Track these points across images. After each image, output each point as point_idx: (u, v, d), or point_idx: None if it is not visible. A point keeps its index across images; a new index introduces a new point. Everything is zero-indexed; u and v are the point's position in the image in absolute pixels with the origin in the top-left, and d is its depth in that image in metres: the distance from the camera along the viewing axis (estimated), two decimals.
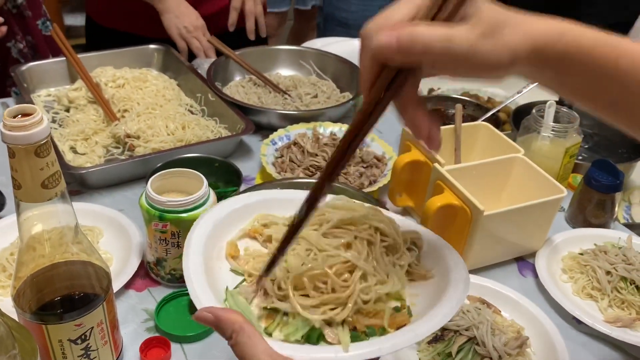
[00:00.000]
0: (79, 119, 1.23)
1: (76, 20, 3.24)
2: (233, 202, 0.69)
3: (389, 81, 0.50)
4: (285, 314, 0.56)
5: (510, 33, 0.48)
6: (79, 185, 1.08)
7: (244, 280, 0.61)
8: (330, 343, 0.53)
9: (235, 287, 0.60)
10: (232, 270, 0.63)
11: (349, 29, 1.78)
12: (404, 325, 0.56)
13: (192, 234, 0.63)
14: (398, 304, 0.59)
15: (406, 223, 0.69)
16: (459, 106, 1.07)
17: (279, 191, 0.75)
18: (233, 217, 0.68)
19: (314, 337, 0.54)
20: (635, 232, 1.10)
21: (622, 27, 2.01)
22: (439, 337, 0.80)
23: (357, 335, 0.55)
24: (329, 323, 0.55)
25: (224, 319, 0.50)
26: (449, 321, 0.70)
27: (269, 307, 0.57)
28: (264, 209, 0.70)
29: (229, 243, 0.65)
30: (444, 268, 0.63)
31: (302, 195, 0.72)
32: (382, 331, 0.55)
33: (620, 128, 0.55)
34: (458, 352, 0.78)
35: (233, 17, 1.53)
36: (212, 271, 0.61)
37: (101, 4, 1.61)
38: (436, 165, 0.95)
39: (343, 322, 0.55)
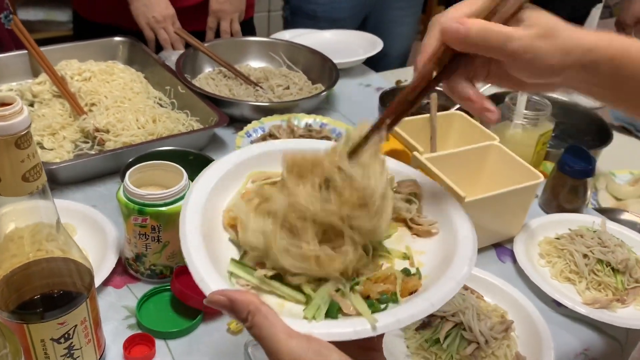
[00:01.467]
0: (44, 114, 1.19)
1: (29, 14, 3.13)
2: (224, 164, 0.65)
3: (445, 62, 0.56)
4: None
5: (564, 37, 0.53)
6: (49, 181, 1.03)
7: (245, 252, 0.58)
8: (347, 314, 0.52)
9: (240, 260, 0.57)
10: (231, 240, 0.59)
11: (317, 22, 1.77)
12: (416, 290, 0.55)
13: (186, 209, 0.58)
14: (406, 263, 0.58)
15: (402, 169, 0.68)
16: (434, 95, 1.08)
17: (269, 143, 0.71)
18: (226, 180, 0.64)
19: (333, 311, 0.52)
20: (607, 216, 1.13)
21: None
22: (426, 323, 0.80)
23: (372, 303, 0.53)
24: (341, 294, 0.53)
25: (239, 300, 0.48)
26: None
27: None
28: (257, 165, 0.66)
29: (226, 211, 0.61)
30: (448, 222, 0.62)
31: (294, 144, 0.70)
32: (395, 297, 0.54)
33: None
34: (445, 337, 0.78)
35: (209, 36, 1.52)
36: (212, 245, 0.57)
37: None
38: (415, 153, 0.96)
39: (353, 291, 0.54)
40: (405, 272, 0.57)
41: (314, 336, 0.48)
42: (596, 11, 2.77)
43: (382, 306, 0.54)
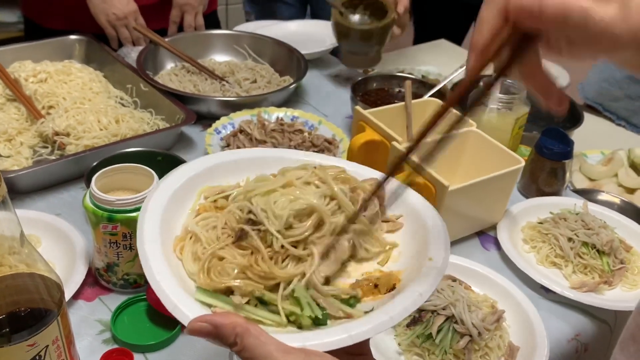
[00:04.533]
0: None
1: None
2: (172, 182, 0.61)
3: (513, 45, 0.47)
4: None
5: None
6: (7, 191, 0.97)
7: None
8: (337, 318, 0.50)
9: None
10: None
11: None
12: (394, 285, 0.53)
13: (143, 235, 0.54)
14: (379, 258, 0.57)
15: (361, 171, 0.66)
16: (408, 82, 1.05)
17: (217, 155, 0.67)
18: (177, 199, 0.60)
19: (324, 318, 0.50)
20: (584, 197, 1.12)
21: None
22: (416, 319, 0.78)
23: (349, 303, 0.52)
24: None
25: (223, 324, 0.44)
26: (426, 301, 0.68)
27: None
28: (209, 179, 0.63)
29: (177, 239, 0.57)
30: (414, 213, 0.61)
31: (245, 154, 0.67)
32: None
33: None
34: (437, 332, 0.76)
35: (172, 30, 1.46)
36: (176, 270, 0.53)
37: (37, 2, 1.48)
38: (394, 143, 0.93)
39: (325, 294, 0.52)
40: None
41: (310, 349, 0.45)
42: None
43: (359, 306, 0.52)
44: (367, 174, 0.66)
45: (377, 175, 0.66)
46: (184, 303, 0.48)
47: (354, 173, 0.63)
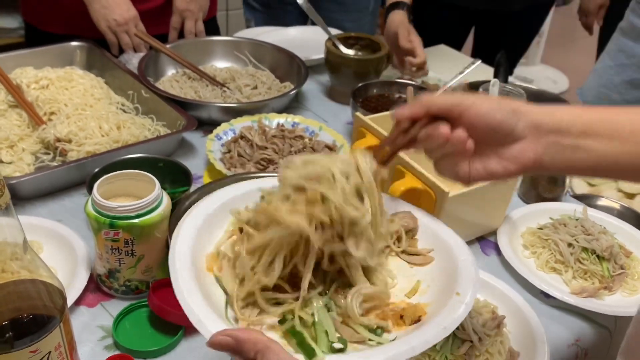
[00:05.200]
0: (0, 126, 1.12)
1: None
2: (211, 202, 0.65)
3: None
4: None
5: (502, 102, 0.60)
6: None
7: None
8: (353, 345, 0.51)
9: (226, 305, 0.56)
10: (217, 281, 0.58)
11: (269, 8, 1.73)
12: (420, 317, 0.54)
13: (175, 248, 0.58)
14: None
15: (397, 204, 0.69)
16: (410, 89, 1.06)
17: (256, 181, 0.71)
18: (212, 220, 0.64)
19: (344, 345, 0.51)
20: (584, 202, 1.12)
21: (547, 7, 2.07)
22: None
23: (373, 330, 0.53)
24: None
25: (245, 339, 0.45)
26: None
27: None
28: (245, 203, 0.65)
29: (208, 256, 0.60)
30: (445, 248, 0.63)
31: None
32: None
33: None
34: None
35: (173, 36, 1.47)
36: (204, 286, 0.56)
37: (38, 7, 1.48)
38: None
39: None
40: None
41: None
42: None
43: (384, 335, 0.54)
44: None
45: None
46: (208, 317, 0.50)
47: None
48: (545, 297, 0.90)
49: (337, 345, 0.51)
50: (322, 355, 0.48)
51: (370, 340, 0.53)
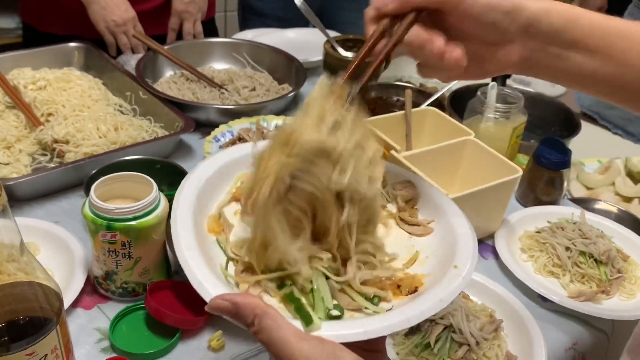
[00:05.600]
0: None
1: None
2: (210, 165, 0.65)
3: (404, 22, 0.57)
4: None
5: None
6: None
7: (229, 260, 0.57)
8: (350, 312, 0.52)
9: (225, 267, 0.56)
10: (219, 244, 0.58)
11: (265, 19, 1.73)
12: (416, 288, 0.54)
13: (177, 211, 0.57)
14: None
15: (399, 171, 0.68)
16: (408, 92, 1.06)
17: (259, 144, 0.70)
18: (214, 181, 0.63)
19: (340, 312, 0.52)
20: (582, 206, 1.13)
21: None
22: (415, 328, 0.78)
23: (371, 300, 0.54)
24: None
25: (243, 304, 0.46)
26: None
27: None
28: (246, 166, 0.64)
29: (210, 217, 0.60)
30: (445, 220, 0.62)
31: None
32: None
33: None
34: (436, 341, 0.76)
35: (171, 38, 1.47)
36: (206, 249, 0.56)
37: (36, 7, 1.48)
38: (393, 152, 0.93)
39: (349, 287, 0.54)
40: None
41: (325, 338, 0.46)
42: None
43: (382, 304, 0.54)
44: None
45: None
46: (209, 281, 0.50)
47: None
48: (542, 301, 0.90)
49: (334, 312, 0.51)
50: (319, 322, 0.48)
51: (366, 308, 0.53)
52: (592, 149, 1.54)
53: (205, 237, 0.58)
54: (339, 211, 0.53)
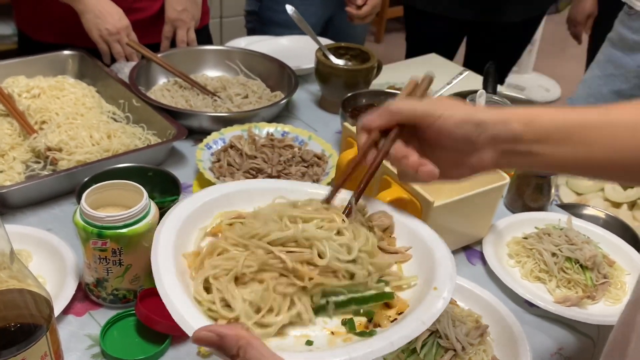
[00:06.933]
0: None
1: None
2: (191, 203, 0.67)
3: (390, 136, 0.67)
4: None
5: (459, 108, 0.63)
6: None
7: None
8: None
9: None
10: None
11: (287, 29, 1.75)
12: (402, 311, 0.56)
13: (158, 247, 0.59)
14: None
15: (372, 204, 0.71)
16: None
17: (234, 183, 0.73)
18: (193, 220, 0.65)
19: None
20: (570, 212, 1.14)
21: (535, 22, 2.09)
22: None
23: (361, 332, 0.55)
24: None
25: (228, 335, 0.46)
26: None
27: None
28: (226, 205, 0.68)
29: (186, 255, 0.61)
30: (422, 245, 0.65)
31: (259, 184, 0.74)
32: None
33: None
34: (422, 347, 0.77)
35: (164, 45, 1.48)
36: (186, 282, 0.58)
37: (31, 17, 1.49)
38: None
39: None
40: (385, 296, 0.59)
41: None
42: None
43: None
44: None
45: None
46: (191, 314, 0.51)
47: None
48: (529, 306, 0.91)
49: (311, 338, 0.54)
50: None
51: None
52: None
53: (184, 272, 0.59)
54: None
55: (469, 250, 1.01)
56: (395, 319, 0.57)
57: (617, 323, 0.55)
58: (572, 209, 1.24)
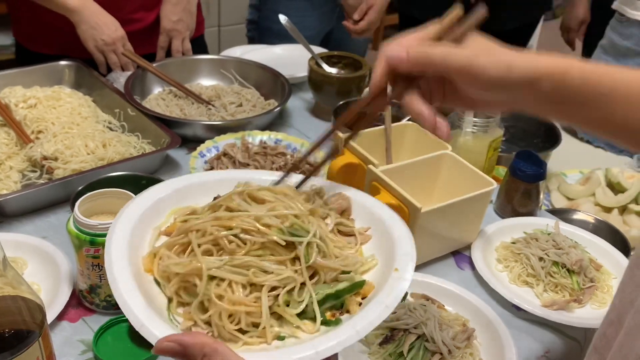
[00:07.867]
0: None
1: None
2: (141, 204, 0.65)
3: (397, 82, 0.60)
4: None
5: (499, 53, 0.58)
6: None
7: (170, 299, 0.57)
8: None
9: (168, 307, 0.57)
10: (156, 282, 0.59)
11: (285, 39, 1.77)
12: (365, 295, 0.56)
13: (110, 251, 0.57)
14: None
15: (330, 185, 0.70)
16: (388, 107, 1.08)
17: (186, 177, 0.71)
18: (147, 219, 0.63)
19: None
20: (559, 217, 1.15)
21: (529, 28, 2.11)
22: (389, 337, 0.80)
23: (326, 321, 0.54)
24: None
25: (192, 344, 0.46)
26: (397, 320, 0.71)
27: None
28: (179, 201, 0.66)
29: (146, 257, 0.60)
30: (381, 225, 0.64)
31: (212, 176, 0.72)
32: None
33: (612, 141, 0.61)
34: (409, 350, 0.78)
35: (160, 55, 1.50)
36: (145, 288, 0.56)
37: (27, 28, 1.52)
38: (370, 167, 0.96)
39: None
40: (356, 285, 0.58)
41: None
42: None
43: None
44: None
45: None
46: (152, 322, 0.50)
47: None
48: (517, 310, 0.92)
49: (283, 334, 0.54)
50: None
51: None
52: (575, 160, 1.57)
53: (143, 277, 0.57)
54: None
55: (458, 255, 1.02)
56: (361, 303, 0.56)
57: (600, 325, 0.56)
58: (562, 214, 1.25)
